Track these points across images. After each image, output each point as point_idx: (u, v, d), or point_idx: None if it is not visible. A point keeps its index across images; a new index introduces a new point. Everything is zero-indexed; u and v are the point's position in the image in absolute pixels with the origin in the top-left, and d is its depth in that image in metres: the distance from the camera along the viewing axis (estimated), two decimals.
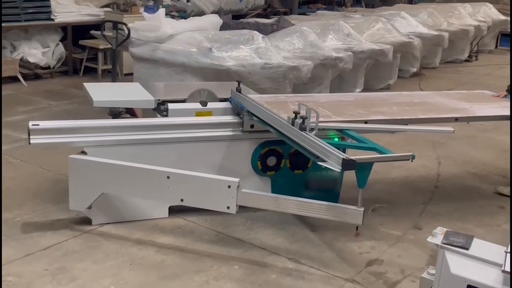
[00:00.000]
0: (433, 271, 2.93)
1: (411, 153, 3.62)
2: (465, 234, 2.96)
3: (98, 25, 8.26)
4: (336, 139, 4.55)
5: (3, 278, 3.45)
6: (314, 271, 3.77)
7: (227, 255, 3.90)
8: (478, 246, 2.85)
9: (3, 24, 8.14)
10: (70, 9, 9.13)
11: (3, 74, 8.05)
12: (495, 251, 2.82)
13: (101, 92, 4.83)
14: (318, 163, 3.58)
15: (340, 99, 5.09)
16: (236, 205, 3.72)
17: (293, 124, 3.86)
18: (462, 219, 4.64)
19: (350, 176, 4.85)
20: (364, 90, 8.48)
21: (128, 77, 8.37)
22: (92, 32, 8.06)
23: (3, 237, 3.91)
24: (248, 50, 6.73)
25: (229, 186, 3.70)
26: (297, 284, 3.62)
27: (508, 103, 5.01)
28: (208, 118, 4.52)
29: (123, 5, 9.44)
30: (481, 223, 4.58)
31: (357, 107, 4.68)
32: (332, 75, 7.81)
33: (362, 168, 3.49)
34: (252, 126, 4.40)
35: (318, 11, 11.99)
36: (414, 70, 10.09)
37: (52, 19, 8.79)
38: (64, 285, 3.43)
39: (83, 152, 4.03)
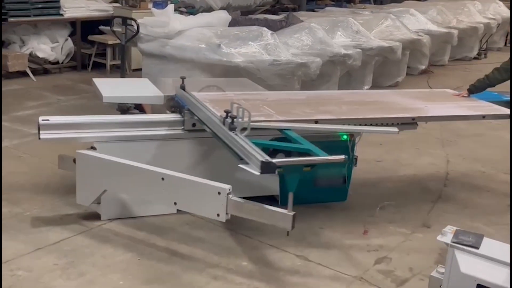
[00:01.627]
0: (443, 270, 2.93)
1: (343, 156, 3.39)
2: (475, 233, 2.95)
3: (107, 21, 8.26)
4: (345, 137, 4.56)
5: (13, 273, 3.47)
6: (322, 268, 3.77)
7: (235, 252, 3.90)
8: (488, 245, 2.85)
9: (12, 19, 8.16)
10: (79, 4, 9.13)
11: (12, 69, 8.08)
12: (505, 251, 2.81)
13: (110, 87, 4.84)
14: (239, 165, 3.38)
15: (290, 98, 4.92)
16: (226, 213, 3.47)
17: (224, 123, 3.70)
18: (471, 218, 4.62)
19: (360, 174, 4.87)
20: (372, 87, 8.46)
21: (136, 72, 8.38)
22: (101, 27, 8.06)
23: (12, 231, 3.93)
24: (257, 46, 6.72)
25: (219, 193, 3.47)
26: (305, 281, 3.62)
27: (470, 103, 4.91)
28: (149, 116, 4.39)
29: (132, 1, 9.42)
30: (490, 222, 4.56)
31: (306, 105, 4.51)
32: (340, 72, 7.80)
33: (290, 171, 3.33)
34: (194, 125, 4.24)
35: (326, 8, 11.93)
36: (423, 67, 10.04)
37: (61, 14, 8.79)
38: (73, 280, 3.45)
39: (93, 148, 4.05)
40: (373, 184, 5.20)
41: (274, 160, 3.25)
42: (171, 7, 7.20)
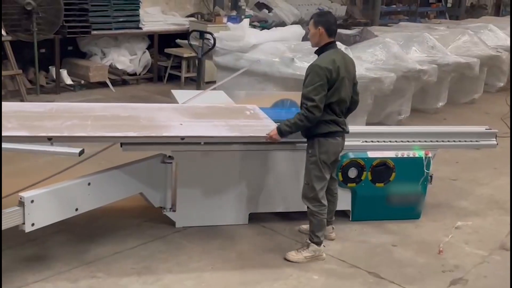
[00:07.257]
0: None
1: None
2: None
3: (183, 34, 8.51)
4: (420, 154, 4.49)
5: (93, 274, 3.62)
6: (395, 286, 3.71)
7: (306, 265, 3.90)
8: None
9: (95, 32, 8.56)
10: (157, 19, 9.47)
11: (93, 80, 8.47)
12: None
13: (187, 98, 4.97)
14: None
15: (32, 110, 4.11)
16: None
17: None
18: None
19: (435, 192, 4.75)
20: (447, 104, 8.27)
21: (209, 85, 8.51)
22: (178, 41, 8.30)
23: (93, 235, 4.10)
24: None
25: None
26: None
27: (250, 122, 4.19)
28: None
29: (207, 15, 9.68)
30: None
31: (22, 119, 3.80)
32: (415, 87, 7.66)
33: None
34: None
35: (400, 22, 11.77)
36: (501, 84, 9.72)
37: (140, 28, 9.14)
38: (150, 284, 3.56)
39: (170, 157, 4.17)
40: (448, 203, 5.07)
41: None
42: (246, 21, 7.34)
